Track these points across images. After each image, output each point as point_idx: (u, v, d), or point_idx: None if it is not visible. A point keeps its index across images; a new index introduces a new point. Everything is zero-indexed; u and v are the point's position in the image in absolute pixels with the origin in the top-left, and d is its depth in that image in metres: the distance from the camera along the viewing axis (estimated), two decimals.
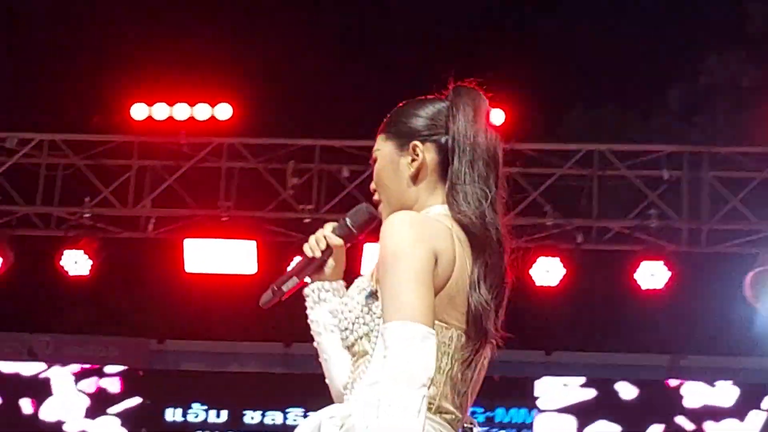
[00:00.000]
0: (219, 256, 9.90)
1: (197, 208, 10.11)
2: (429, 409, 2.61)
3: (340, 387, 2.89)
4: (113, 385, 11.12)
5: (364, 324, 2.79)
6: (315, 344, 3.03)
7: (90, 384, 11.13)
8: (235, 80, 10.24)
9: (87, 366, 11.19)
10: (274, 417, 11.03)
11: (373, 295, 2.78)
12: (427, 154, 2.87)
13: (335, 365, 2.95)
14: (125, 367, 11.29)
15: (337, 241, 3.00)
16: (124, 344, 12.28)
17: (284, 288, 2.99)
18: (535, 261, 9.88)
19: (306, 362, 11.43)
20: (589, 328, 14.41)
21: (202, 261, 9.91)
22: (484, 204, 2.80)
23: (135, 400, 11.02)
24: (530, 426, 10.85)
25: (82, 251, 9.99)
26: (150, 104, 9.95)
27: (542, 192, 10.04)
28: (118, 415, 10.98)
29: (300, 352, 11.58)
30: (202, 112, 9.94)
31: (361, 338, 2.80)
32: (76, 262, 9.99)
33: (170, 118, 9.95)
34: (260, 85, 10.49)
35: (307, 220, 9.91)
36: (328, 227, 3.02)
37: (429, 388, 2.59)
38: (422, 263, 2.66)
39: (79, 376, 11.14)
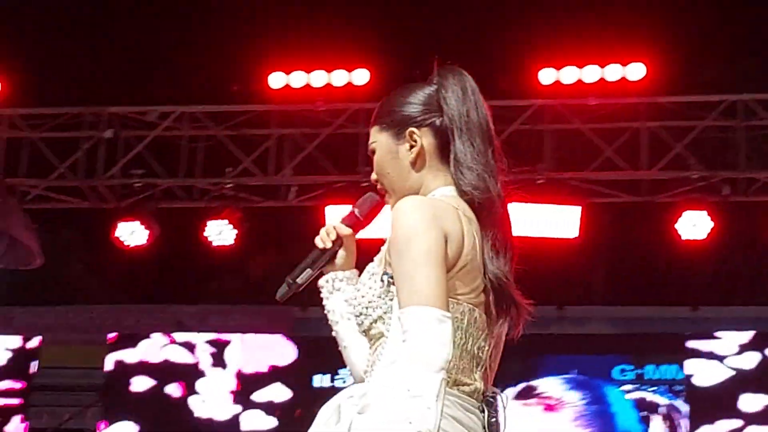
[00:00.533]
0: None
1: (337, 175, 10.14)
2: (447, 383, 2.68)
3: (361, 372, 2.96)
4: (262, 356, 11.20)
5: (377, 307, 2.86)
6: (333, 333, 3.08)
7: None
8: (371, 45, 10.20)
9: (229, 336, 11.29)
10: None
11: (383, 278, 2.84)
12: (425, 138, 2.95)
13: (354, 352, 3.02)
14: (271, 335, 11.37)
15: (345, 230, 3.10)
16: (269, 313, 12.40)
17: (299, 281, 3.10)
18: (680, 215, 9.72)
19: None
20: (737, 281, 14.14)
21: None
22: (488, 178, 2.89)
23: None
24: (681, 382, 10.69)
25: (225, 221, 10.10)
26: (287, 72, 10.00)
27: (686, 145, 9.86)
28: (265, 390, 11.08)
29: None
30: (339, 78, 9.95)
31: (375, 321, 2.87)
32: (220, 233, 10.11)
33: (307, 85, 9.98)
34: (396, 51, 10.43)
35: None
36: (337, 219, 3.12)
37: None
38: (434, 245, 2.73)
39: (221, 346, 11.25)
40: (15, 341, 11.48)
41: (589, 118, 9.91)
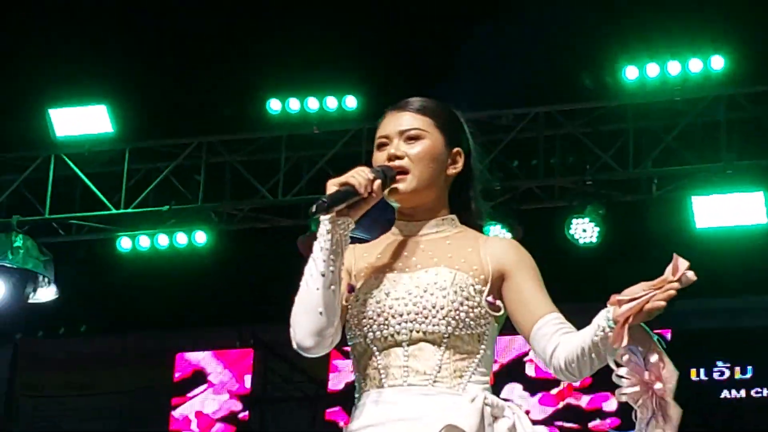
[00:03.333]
0: (727, 209, 9.70)
1: (700, 164, 9.93)
2: None
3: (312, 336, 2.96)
4: None
5: (481, 325, 2.99)
6: (317, 284, 2.93)
7: None
8: (727, 31, 9.92)
9: None
10: None
11: (487, 301, 3.00)
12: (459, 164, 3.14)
13: (331, 320, 2.96)
14: None
15: (378, 191, 3.03)
16: None
17: (336, 207, 2.95)
18: None
19: None
20: None
21: (711, 216, 9.75)
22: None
23: None
24: None
25: (588, 219, 10.05)
26: (640, 66, 9.87)
27: None
28: None
29: None
30: (695, 66, 9.75)
31: (472, 336, 2.99)
32: (584, 231, 10.07)
33: (663, 75, 9.83)
34: (750, 33, 10.11)
35: None
36: (368, 170, 3.00)
37: None
38: None
39: None
40: None
41: None
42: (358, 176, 3.00)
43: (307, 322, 2.96)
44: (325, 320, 2.95)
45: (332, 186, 3.01)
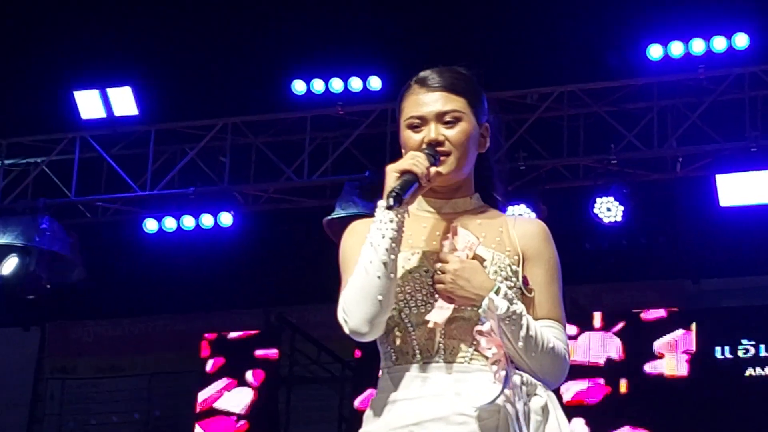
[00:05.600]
0: (753, 187, 9.68)
1: (724, 142, 9.91)
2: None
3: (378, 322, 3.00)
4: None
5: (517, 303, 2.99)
6: (379, 272, 2.95)
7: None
8: (751, 8, 9.88)
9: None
10: None
11: (522, 285, 3.04)
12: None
13: (389, 307, 2.99)
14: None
15: (434, 178, 3.04)
16: (661, 287, 12.25)
17: (405, 197, 2.95)
18: None
19: None
20: None
21: (737, 194, 9.73)
22: None
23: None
24: None
25: (612, 198, 10.05)
26: (665, 44, 9.85)
27: None
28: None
29: None
30: (720, 44, 9.72)
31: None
32: (608, 209, 10.07)
33: (687, 53, 9.81)
34: None
35: None
36: (423, 157, 3.01)
37: None
38: None
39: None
40: None
41: None
42: (419, 164, 2.98)
43: (364, 308, 2.95)
44: (383, 308, 2.96)
45: (393, 174, 2.98)
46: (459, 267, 2.96)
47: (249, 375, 11.98)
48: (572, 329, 10.78)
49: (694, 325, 10.90)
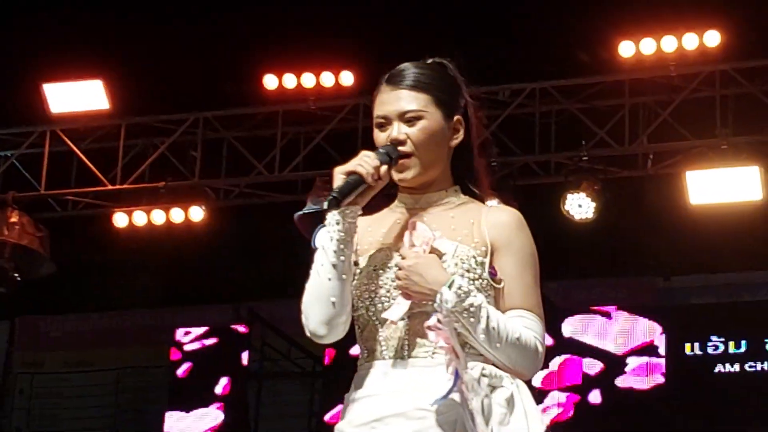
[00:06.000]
0: (723, 185, 9.72)
1: (695, 140, 9.95)
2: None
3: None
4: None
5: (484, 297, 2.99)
6: (329, 274, 2.98)
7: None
8: (722, 6, 9.91)
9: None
10: None
11: (489, 274, 3.01)
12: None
13: (344, 309, 3.00)
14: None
15: (385, 177, 3.04)
16: (631, 284, 12.28)
17: (346, 200, 2.96)
18: None
19: None
20: None
21: (707, 192, 9.77)
22: None
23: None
24: None
25: (583, 194, 10.06)
26: (636, 42, 9.88)
27: None
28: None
29: None
30: (691, 41, 9.74)
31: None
32: (579, 206, 10.09)
33: (658, 50, 9.83)
34: (745, 8, 10.10)
35: None
36: (373, 156, 3.01)
37: None
38: None
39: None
40: None
41: None
42: (365, 164, 2.99)
43: (319, 311, 2.99)
44: (337, 309, 2.98)
45: (339, 175, 3.00)
46: (413, 263, 2.96)
47: (219, 371, 11.96)
48: None
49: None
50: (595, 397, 10.97)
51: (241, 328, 12.25)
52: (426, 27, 10.42)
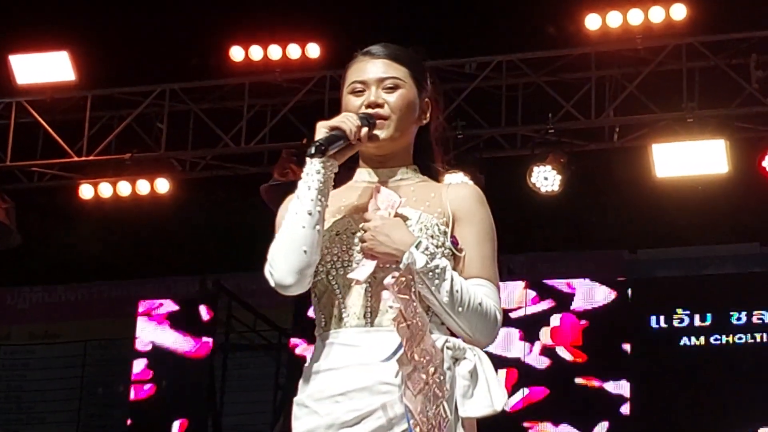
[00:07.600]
0: (688, 158, 9.77)
1: (661, 113, 9.98)
2: None
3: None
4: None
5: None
6: (304, 222, 2.99)
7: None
8: None
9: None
10: (762, 315, 10.78)
11: (450, 244, 3.05)
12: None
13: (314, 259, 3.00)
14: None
15: (364, 139, 3.08)
16: (597, 257, 12.33)
17: (330, 149, 3.01)
18: None
19: None
20: None
21: (673, 165, 9.82)
22: None
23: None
24: None
25: (550, 167, 10.09)
26: (603, 16, 9.88)
27: None
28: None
29: None
30: (657, 14, 9.76)
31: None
32: (545, 179, 10.11)
33: (624, 23, 9.84)
34: None
35: None
36: (355, 117, 3.06)
37: None
38: None
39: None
40: None
41: None
42: (348, 122, 3.03)
43: (289, 259, 2.96)
44: (308, 259, 2.97)
45: (322, 128, 3.04)
46: (380, 224, 2.98)
47: (185, 343, 11.95)
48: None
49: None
50: None
51: (207, 301, 12.21)
52: (393, 0, 10.40)
